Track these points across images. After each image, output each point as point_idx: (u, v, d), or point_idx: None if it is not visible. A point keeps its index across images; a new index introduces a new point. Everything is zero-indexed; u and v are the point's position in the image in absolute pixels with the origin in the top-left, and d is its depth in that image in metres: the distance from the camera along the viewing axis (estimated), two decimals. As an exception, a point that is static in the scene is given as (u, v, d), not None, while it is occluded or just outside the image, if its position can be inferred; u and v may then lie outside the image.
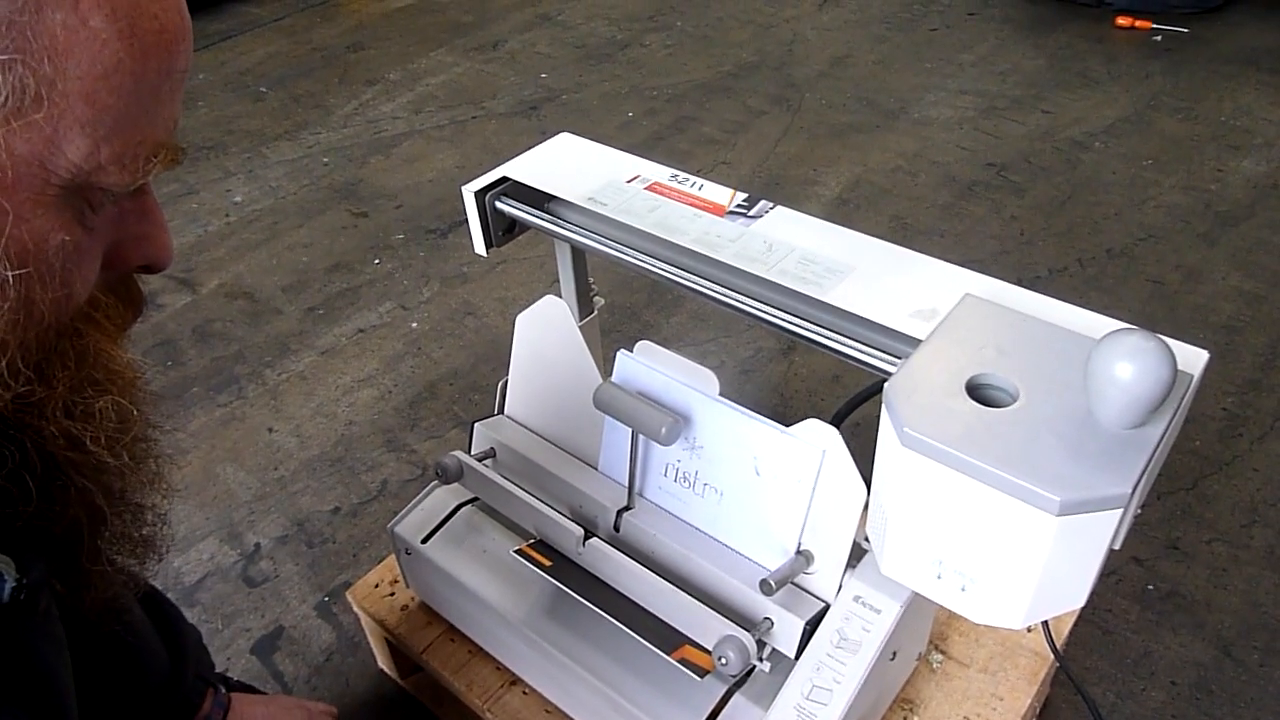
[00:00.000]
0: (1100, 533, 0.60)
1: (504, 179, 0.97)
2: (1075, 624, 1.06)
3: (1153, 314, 1.74)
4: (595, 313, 1.12)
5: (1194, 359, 0.69)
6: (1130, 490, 0.57)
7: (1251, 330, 1.72)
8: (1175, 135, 2.35)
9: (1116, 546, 0.65)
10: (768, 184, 2.22)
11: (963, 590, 0.66)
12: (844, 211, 2.12)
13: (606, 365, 0.96)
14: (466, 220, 0.97)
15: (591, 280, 1.11)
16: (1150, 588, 1.29)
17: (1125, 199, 2.11)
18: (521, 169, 0.98)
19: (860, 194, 2.18)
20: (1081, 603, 0.66)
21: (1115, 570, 1.31)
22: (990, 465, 0.59)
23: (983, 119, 2.46)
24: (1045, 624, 0.92)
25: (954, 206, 2.12)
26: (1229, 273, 1.87)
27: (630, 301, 1.85)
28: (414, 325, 1.83)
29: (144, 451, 0.56)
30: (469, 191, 0.95)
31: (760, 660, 0.81)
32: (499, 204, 0.96)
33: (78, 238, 0.46)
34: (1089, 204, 2.10)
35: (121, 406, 0.52)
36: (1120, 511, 0.59)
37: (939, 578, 0.67)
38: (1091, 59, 2.72)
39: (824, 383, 1.65)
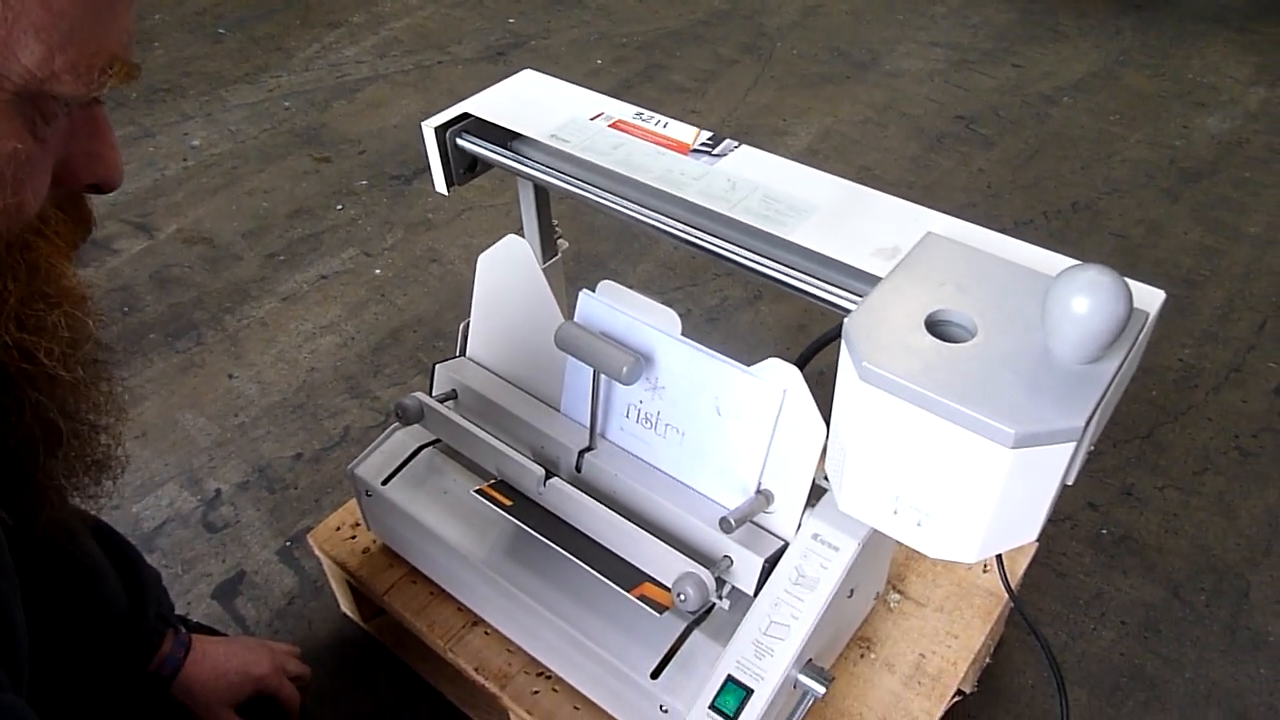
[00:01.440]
0: (1054, 466, 0.60)
1: (465, 115, 0.95)
2: (1030, 567, 1.08)
3: (1114, 267, 1.75)
4: (559, 255, 1.11)
5: (1150, 298, 0.69)
6: (1084, 424, 0.58)
7: (1210, 284, 1.75)
8: (1143, 91, 2.36)
9: (1070, 482, 0.66)
10: (737, 133, 2.18)
11: (918, 525, 0.67)
12: (813, 162, 2.08)
13: (570, 313, 0.95)
14: (429, 164, 0.95)
15: (555, 222, 1.09)
16: (1104, 532, 1.31)
17: (1091, 153, 2.12)
18: (483, 105, 0.96)
19: (830, 144, 2.17)
20: (1034, 537, 0.67)
21: (1070, 515, 1.33)
22: (947, 399, 0.59)
23: (953, 72, 2.45)
24: (1001, 565, 0.94)
25: (922, 159, 2.12)
26: (1190, 228, 1.89)
27: (597, 250, 1.84)
28: (377, 272, 1.81)
29: (96, 373, 0.56)
30: (429, 127, 0.93)
31: (719, 598, 0.81)
32: (460, 141, 0.94)
33: (29, 148, 0.45)
34: (1056, 158, 2.11)
35: (73, 319, 0.52)
36: (1074, 445, 0.59)
37: (895, 513, 0.68)
38: (1062, 13, 2.71)
39: (790, 331, 1.65)
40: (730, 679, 0.79)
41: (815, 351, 0.90)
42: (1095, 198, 1.98)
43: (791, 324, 1.67)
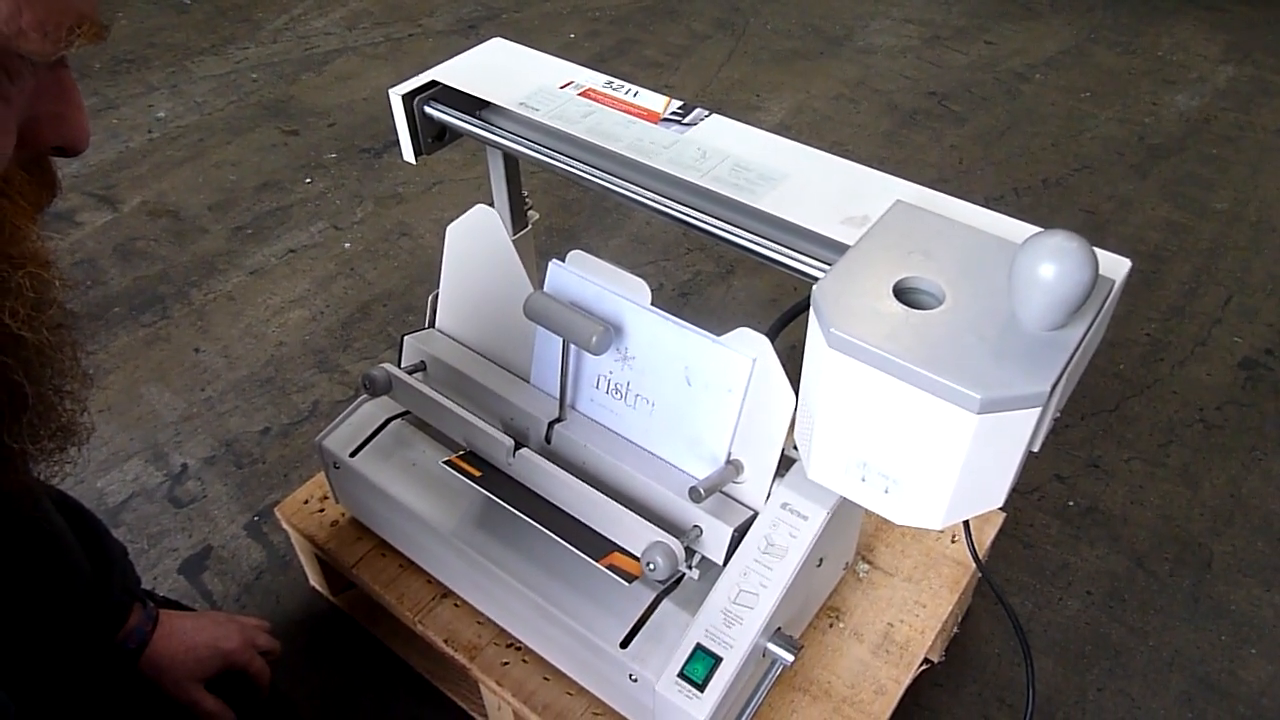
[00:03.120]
0: (1019, 432, 0.61)
1: (433, 83, 0.94)
2: (997, 537, 1.09)
3: (1084, 243, 1.77)
4: (529, 227, 1.10)
5: (1117, 266, 0.70)
6: (1049, 389, 0.58)
7: (1177, 259, 1.76)
8: (1113, 68, 2.37)
9: (1035, 449, 0.66)
10: (710, 109, 2.19)
11: (886, 492, 0.67)
12: (786, 138, 2.10)
13: (540, 285, 0.94)
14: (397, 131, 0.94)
15: (526, 193, 1.08)
16: (1071, 504, 1.33)
17: (1062, 130, 2.13)
18: (452, 73, 0.95)
19: (802, 120, 2.16)
20: (1000, 503, 0.67)
21: (1038, 487, 1.34)
22: (914, 365, 0.59)
23: (926, 48, 2.45)
24: (968, 534, 0.94)
25: (895, 135, 2.12)
26: (1158, 204, 1.90)
27: (569, 224, 1.83)
28: (347, 245, 1.79)
29: (61, 338, 0.55)
30: (396, 95, 0.92)
31: (689, 567, 0.81)
32: (428, 109, 0.93)
33: None
34: (1027, 134, 2.12)
35: (38, 281, 0.51)
36: (1039, 410, 0.59)
37: (863, 480, 0.68)
38: (1035, -10, 2.72)
39: (761, 306, 1.65)
40: (699, 647, 0.79)
41: (786, 322, 0.89)
42: (1065, 174, 1.99)
43: (764, 298, 1.67)
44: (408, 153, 0.96)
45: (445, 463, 0.92)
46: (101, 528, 0.86)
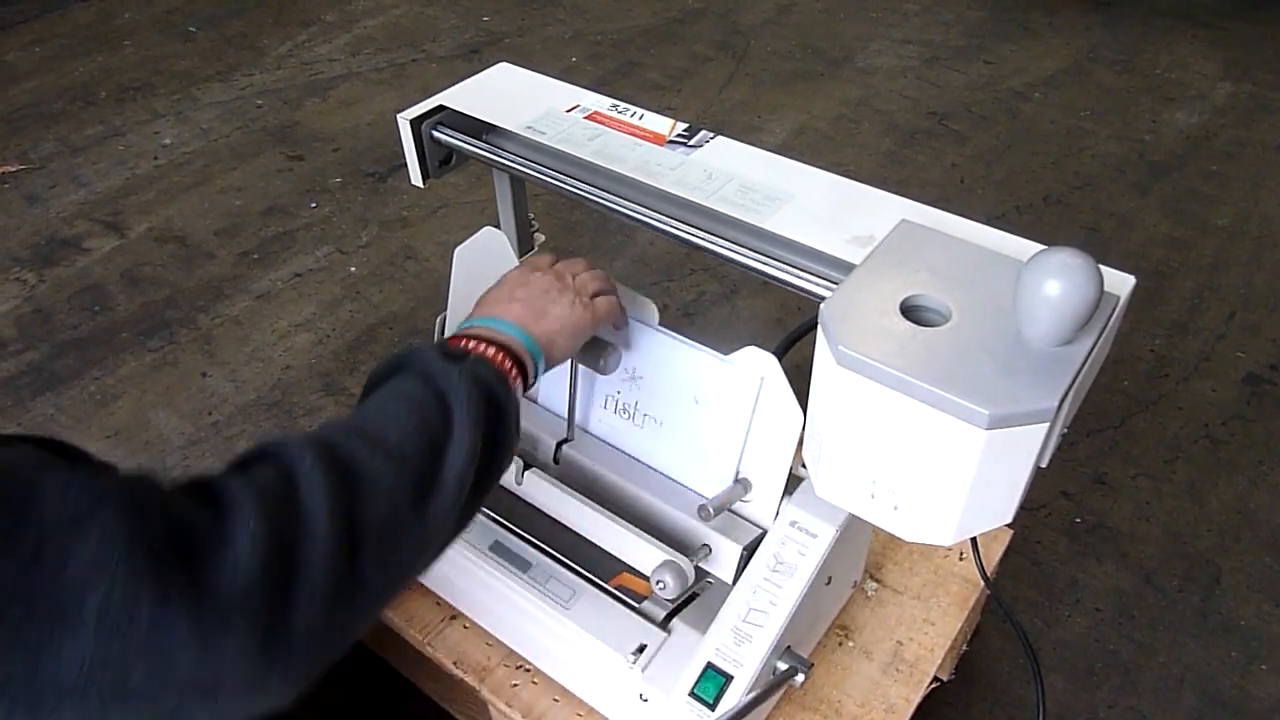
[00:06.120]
0: (1027, 447, 0.61)
1: (441, 108, 0.95)
2: (1005, 555, 1.09)
3: (1086, 260, 1.78)
4: (535, 249, 1.11)
5: (1121, 283, 0.70)
6: (1056, 404, 0.59)
7: (1179, 275, 1.77)
8: (1112, 87, 2.39)
9: (1044, 464, 0.66)
10: (713, 130, 2.20)
11: (895, 509, 0.67)
12: (789, 158, 2.12)
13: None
14: (405, 158, 0.95)
15: (531, 215, 1.09)
16: (1078, 521, 1.33)
17: (1062, 148, 2.14)
18: (459, 97, 0.96)
19: (804, 141, 2.18)
20: (1009, 519, 0.68)
21: (1045, 504, 1.34)
22: (922, 381, 0.59)
23: (926, 68, 2.47)
24: (976, 551, 0.95)
25: (896, 154, 2.13)
26: (1159, 220, 1.91)
27: (572, 246, 1.84)
28: (352, 269, 1.80)
29: None
30: (404, 120, 0.93)
31: (698, 586, 0.82)
32: (435, 133, 0.94)
33: None
34: (1027, 153, 2.13)
35: None
36: (1047, 425, 0.60)
37: (872, 497, 0.68)
38: (1033, 11, 2.74)
39: (766, 325, 1.66)
40: (710, 666, 0.79)
41: (793, 341, 0.90)
42: (1066, 191, 2.00)
43: (768, 318, 1.67)
44: (415, 176, 0.97)
45: (454, 484, 0.92)
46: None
